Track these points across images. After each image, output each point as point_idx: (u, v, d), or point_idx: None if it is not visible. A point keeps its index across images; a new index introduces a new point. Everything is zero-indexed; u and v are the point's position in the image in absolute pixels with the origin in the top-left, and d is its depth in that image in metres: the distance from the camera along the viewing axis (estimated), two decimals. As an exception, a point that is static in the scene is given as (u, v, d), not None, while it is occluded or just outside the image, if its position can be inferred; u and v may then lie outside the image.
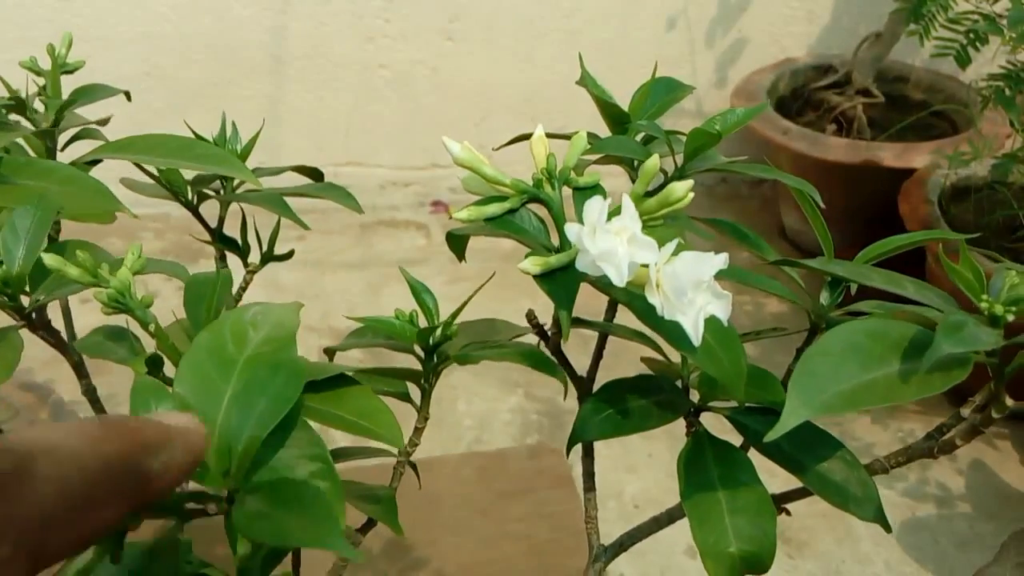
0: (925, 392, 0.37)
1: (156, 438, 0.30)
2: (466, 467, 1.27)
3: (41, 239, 0.45)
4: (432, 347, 0.48)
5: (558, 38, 1.82)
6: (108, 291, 0.37)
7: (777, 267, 0.49)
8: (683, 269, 0.36)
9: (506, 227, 0.43)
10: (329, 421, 0.38)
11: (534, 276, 0.40)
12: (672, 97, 0.54)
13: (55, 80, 0.64)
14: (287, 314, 0.38)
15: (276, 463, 0.33)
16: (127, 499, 0.28)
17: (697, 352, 0.38)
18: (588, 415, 0.48)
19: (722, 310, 0.38)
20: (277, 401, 0.33)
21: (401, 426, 0.43)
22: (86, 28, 1.63)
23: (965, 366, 0.38)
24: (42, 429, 0.27)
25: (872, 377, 0.38)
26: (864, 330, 0.39)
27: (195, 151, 0.51)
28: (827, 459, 0.45)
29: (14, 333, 0.48)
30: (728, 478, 0.45)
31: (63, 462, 0.26)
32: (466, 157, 0.43)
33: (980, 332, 0.38)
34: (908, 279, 0.45)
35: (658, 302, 0.37)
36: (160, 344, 0.39)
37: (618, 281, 0.36)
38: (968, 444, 0.46)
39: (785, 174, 0.49)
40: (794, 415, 0.37)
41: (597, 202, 0.37)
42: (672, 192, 0.42)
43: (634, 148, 0.48)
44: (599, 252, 0.36)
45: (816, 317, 0.51)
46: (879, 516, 0.44)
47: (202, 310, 0.39)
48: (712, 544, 0.43)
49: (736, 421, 0.48)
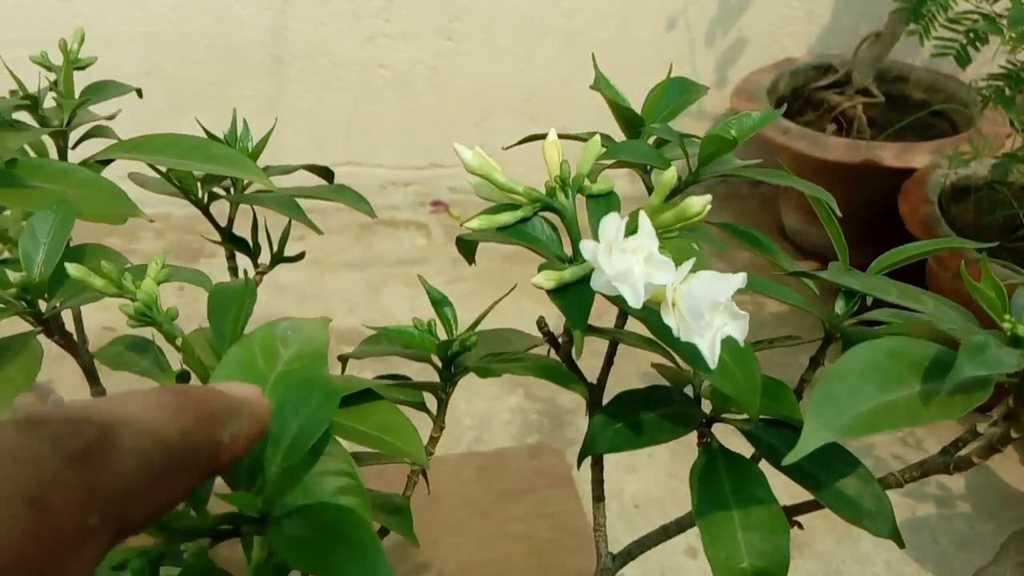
0: (946, 415, 0.37)
1: (225, 409, 0.30)
2: (466, 467, 1.27)
3: (61, 245, 0.45)
4: (451, 358, 0.47)
5: (558, 38, 1.82)
6: (135, 304, 0.37)
7: (781, 270, 0.49)
8: (700, 290, 0.36)
9: (518, 236, 0.42)
10: (352, 436, 0.38)
11: (547, 291, 0.40)
12: (686, 98, 0.53)
13: (68, 77, 0.63)
14: (317, 330, 0.38)
15: (306, 479, 0.33)
16: (201, 470, 0.29)
17: (713, 372, 0.38)
18: (599, 429, 0.47)
19: (739, 331, 0.37)
20: (312, 424, 0.33)
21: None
22: (86, 28, 1.62)
23: (987, 388, 0.37)
24: (119, 400, 0.27)
25: (892, 398, 0.37)
26: (884, 349, 0.38)
27: (208, 152, 0.51)
28: (845, 476, 0.45)
29: (34, 339, 0.47)
30: (741, 492, 0.45)
31: (142, 434, 0.26)
32: (478, 164, 0.42)
33: (1002, 353, 0.37)
34: (926, 293, 0.44)
35: (674, 323, 0.36)
36: (186, 358, 0.39)
37: (634, 303, 0.35)
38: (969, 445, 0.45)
39: (802, 181, 0.48)
40: (814, 437, 0.36)
41: (614, 220, 0.36)
42: (689, 207, 0.41)
43: (649, 153, 0.47)
44: (615, 273, 0.35)
45: (830, 327, 0.50)
46: (894, 533, 0.44)
47: (227, 321, 0.38)
48: (724, 560, 0.43)
49: (750, 434, 0.47)
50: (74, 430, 0.25)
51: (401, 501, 0.47)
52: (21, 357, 0.45)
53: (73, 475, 0.24)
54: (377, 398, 0.40)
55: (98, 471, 0.25)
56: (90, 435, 0.25)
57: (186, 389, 0.30)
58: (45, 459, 0.24)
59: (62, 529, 0.23)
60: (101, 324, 0.57)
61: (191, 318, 0.50)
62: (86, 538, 0.24)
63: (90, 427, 0.25)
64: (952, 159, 1.42)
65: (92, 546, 0.24)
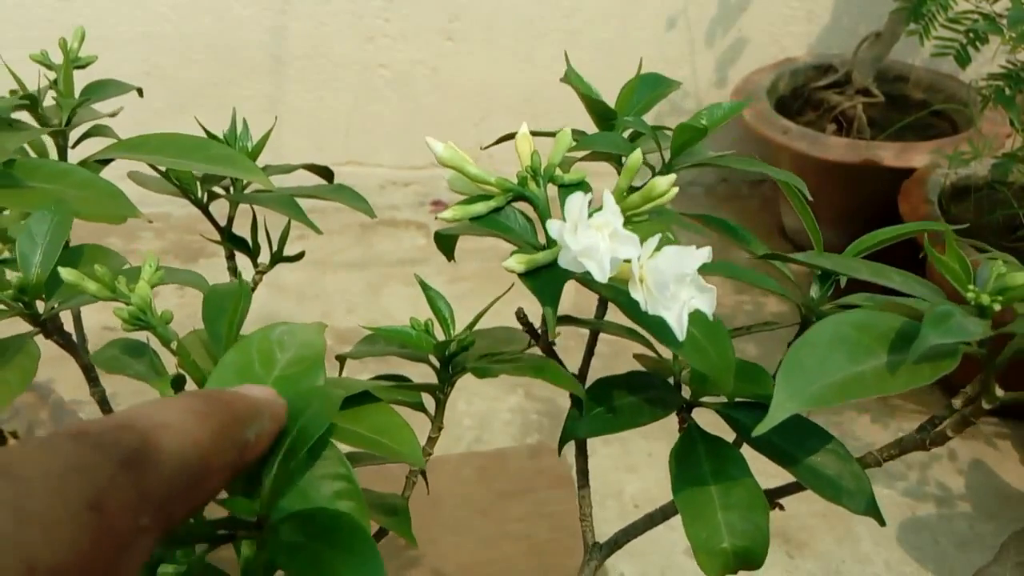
0: (915, 383, 0.37)
1: (248, 410, 0.32)
2: (466, 467, 1.27)
3: (58, 246, 0.45)
4: (449, 358, 0.47)
5: (558, 38, 1.82)
6: (129, 308, 0.37)
7: (772, 264, 0.49)
8: (665, 264, 0.36)
9: (492, 226, 0.43)
10: (348, 438, 0.38)
11: (519, 274, 0.40)
12: (659, 93, 0.54)
13: (68, 75, 0.63)
14: (313, 334, 0.38)
15: (302, 484, 0.33)
16: (231, 468, 0.31)
17: (683, 346, 0.38)
18: (577, 413, 0.48)
19: (707, 304, 0.38)
20: (308, 431, 0.33)
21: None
22: (86, 27, 1.62)
23: (954, 356, 0.37)
24: (154, 407, 0.29)
25: (860, 369, 0.37)
26: (851, 322, 0.39)
27: (207, 151, 0.51)
28: (818, 451, 0.45)
29: (31, 341, 0.47)
30: (720, 473, 0.45)
31: (179, 438, 0.28)
32: (449, 156, 0.43)
33: (967, 323, 0.38)
34: (895, 271, 0.44)
35: (641, 297, 0.36)
36: (182, 362, 0.39)
37: (600, 277, 0.36)
38: (968, 443, 0.45)
39: (771, 167, 0.49)
40: (782, 408, 0.36)
41: (578, 198, 0.37)
42: (655, 187, 0.41)
43: (620, 144, 0.48)
44: (581, 248, 0.36)
45: (807, 310, 0.50)
46: (871, 509, 0.44)
47: (222, 324, 0.38)
48: (705, 540, 0.43)
49: (727, 416, 0.48)
50: (119, 438, 0.27)
51: (399, 502, 0.47)
52: (18, 359, 0.45)
53: (125, 479, 0.26)
54: (373, 400, 0.40)
55: (145, 475, 0.27)
56: (135, 442, 0.27)
57: (213, 394, 0.33)
58: (99, 467, 0.26)
59: (119, 530, 0.25)
60: (101, 324, 0.57)
61: (192, 317, 0.50)
62: (139, 537, 0.26)
63: (133, 434, 0.27)
64: (952, 159, 1.42)
65: (144, 544, 0.26)
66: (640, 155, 0.42)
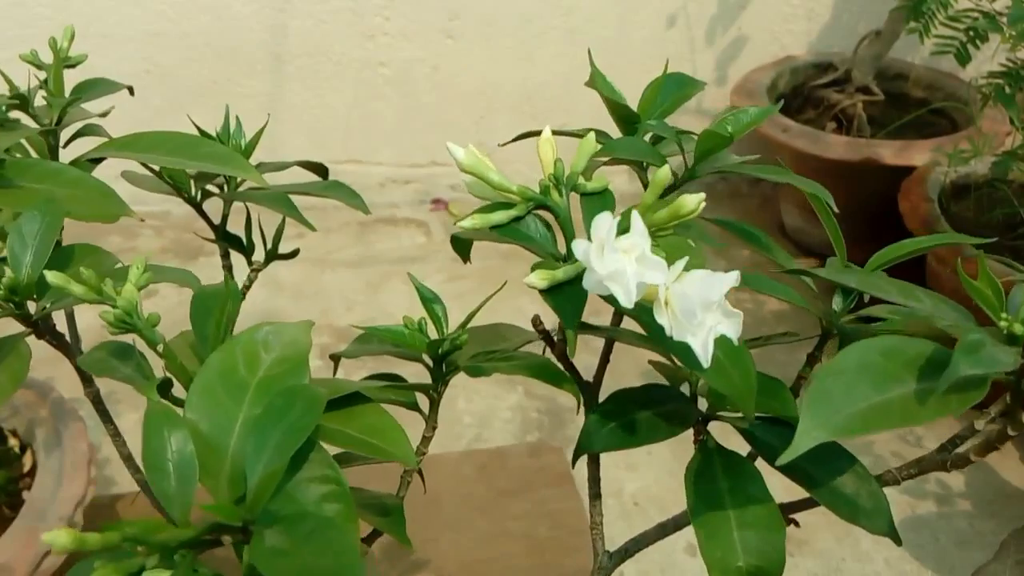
0: (941, 413, 0.36)
1: None
2: (466, 465, 1.27)
3: (49, 246, 0.44)
4: (442, 357, 0.47)
5: (558, 36, 1.82)
6: (115, 311, 0.37)
7: (779, 267, 0.48)
8: (692, 290, 0.35)
9: (512, 235, 0.42)
10: (338, 440, 0.37)
11: (540, 291, 0.39)
12: (683, 94, 0.52)
13: (58, 75, 0.63)
14: (299, 334, 0.37)
15: (289, 487, 0.33)
16: None
17: (707, 370, 0.37)
18: (594, 427, 0.47)
19: (733, 330, 0.37)
20: (294, 432, 0.32)
21: (407, 432, 0.42)
22: (85, 26, 1.62)
23: (983, 387, 0.37)
24: None
25: (887, 397, 0.37)
26: (879, 348, 0.38)
27: (200, 149, 0.51)
28: (841, 474, 0.44)
29: (22, 342, 0.47)
30: (737, 491, 0.45)
31: None
32: (471, 163, 0.42)
33: (998, 352, 0.37)
34: (923, 291, 0.44)
35: (667, 322, 0.36)
36: (169, 365, 0.39)
37: (626, 303, 0.35)
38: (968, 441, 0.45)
39: (799, 178, 0.48)
40: (808, 436, 0.36)
41: (606, 219, 0.36)
42: (683, 205, 0.41)
43: (644, 150, 0.47)
44: (607, 273, 0.35)
45: (827, 324, 0.50)
46: (890, 530, 0.44)
47: (210, 325, 0.38)
48: (720, 559, 0.43)
49: (746, 433, 0.47)
50: None
51: (393, 502, 0.47)
52: (8, 360, 0.45)
53: None
54: (365, 400, 0.40)
55: None
56: None
57: None
58: None
59: None
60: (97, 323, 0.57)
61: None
62: None
63: None
64: (952, 157, 1.42)
65: None
66: (668, 172, 0.42)
